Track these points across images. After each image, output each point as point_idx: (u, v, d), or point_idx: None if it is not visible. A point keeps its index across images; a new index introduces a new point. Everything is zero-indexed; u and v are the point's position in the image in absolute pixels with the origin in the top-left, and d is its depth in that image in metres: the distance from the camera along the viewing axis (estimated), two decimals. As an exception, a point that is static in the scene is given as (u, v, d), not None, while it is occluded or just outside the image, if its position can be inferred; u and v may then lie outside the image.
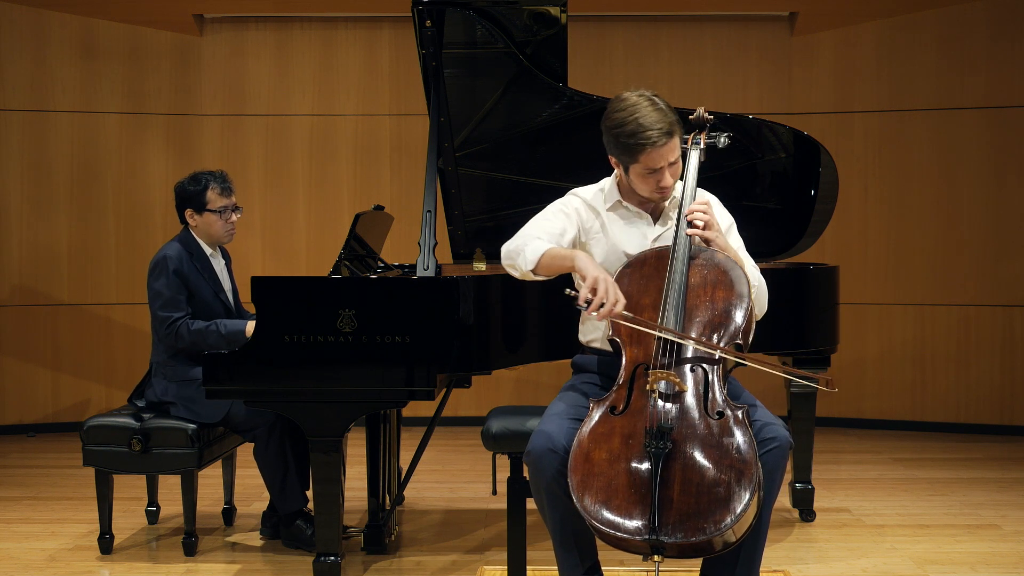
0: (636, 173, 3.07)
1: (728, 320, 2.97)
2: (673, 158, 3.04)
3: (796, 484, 4.60)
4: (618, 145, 3.05)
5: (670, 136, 2.99)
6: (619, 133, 3.02)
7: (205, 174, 4.29)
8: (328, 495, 3.66)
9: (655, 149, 2.99)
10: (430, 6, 4.08)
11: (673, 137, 3.01)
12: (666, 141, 2.99)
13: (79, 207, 6.86)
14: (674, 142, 3.02)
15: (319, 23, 6.98)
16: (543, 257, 3.05)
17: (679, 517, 2.69)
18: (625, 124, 3.00)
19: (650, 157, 3.00)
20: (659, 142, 2.98)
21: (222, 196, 4.27)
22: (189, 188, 4.26)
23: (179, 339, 4.09)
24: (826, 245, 6.27)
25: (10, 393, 6.82)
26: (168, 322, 4.10)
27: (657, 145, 2.98)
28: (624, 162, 3.08)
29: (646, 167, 3.03)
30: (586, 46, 6.77)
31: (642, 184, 3.09)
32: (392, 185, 7.01)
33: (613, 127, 3.04)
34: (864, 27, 6.80)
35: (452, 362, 3.63)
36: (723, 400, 2.86)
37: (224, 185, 4.28)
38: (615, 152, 3.10)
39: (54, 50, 6.78)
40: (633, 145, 3.00)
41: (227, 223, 4.29)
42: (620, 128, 3.01)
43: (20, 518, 4.78)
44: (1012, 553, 4.16)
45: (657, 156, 3.00)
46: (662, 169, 3.04)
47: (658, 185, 3.07)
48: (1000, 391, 6.69)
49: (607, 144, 3.10)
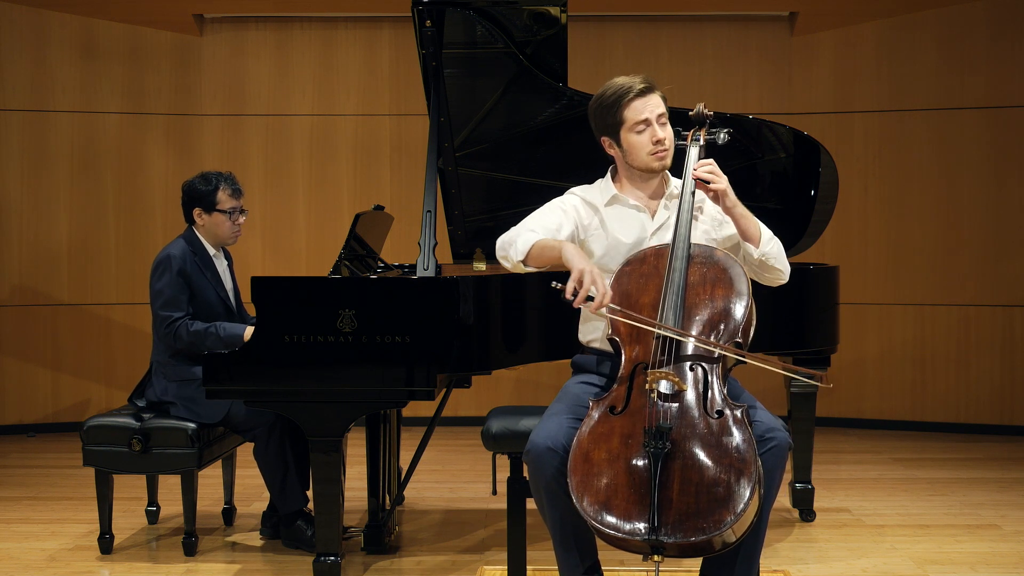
0: (627, 134, 3.10)
1: (727, 318, 2.97)
2: (660, 110, 3.10)
3: (796, 484, 4.60)
4: (604, 110, 3.12)
5: (648, 87, 3.09)
6: (602, 99, 3.12)
7: (215, 174, 4.30)
8: (328, 495, 3.66)
9: (636, 98, 3.07)
10: (430, 6, 4.08)
11: (653, 90, 3.10)
12: (644, 89, 3.08)
13: (79, 207, 6.86)
14: (655, 96, 3.10)
15: (319, 23, 6.98)
16: (533, 248, 3.05)
17: (679, 517, 2.69)
18: (605, 90, 3.14)
19: (633, 108, 3.07)
20: (637, 88, 3.07)
21: (232, 197, 4.28)
22: (200, 187, 4.26)
23: (177, 339, 4.09)
24: (826, 245, 6.27)
25: (10, 393, 6.82)
26: (168, 321, 4.10)
27: (635, 92, 3.07)
28: (613, 127, 3.12)
29: (633, 123, 3.08)
30: (586, 46, 6.77)
31: (638, 148, 3.11)
32: (392, 185, 7.01)
33: (596, 100, 3.15)
34: (864, 27, 6.80)
35: (452, 362, 3.63)
36: (722, 399, 2.86)
37: (235, 187, 4.30)
38: (603, 126, 3.15)
39: (54, 50, 6.78)
40: (613, 103, 3.08)
41: (235, 224, 4.30)
42: (601, 96, 3.13)
43: (20, 518, 4.78)
44: (1012, 553, 4.16)
45: (640, 105, 3.07)
46: (650, 122, 3.08)
47: (653, 141, 3.08)
48: (1000, 391, 6.69)
49: (595, 128, 3.17)
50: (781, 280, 3.20)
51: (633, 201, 3.21)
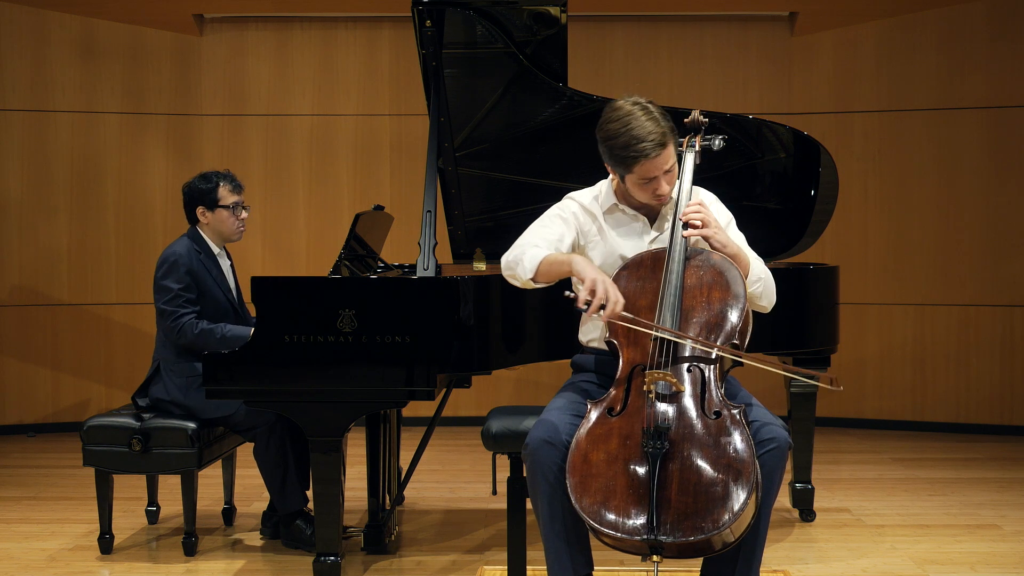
0: (632, 182, 3.07)
1: (724, 320, 2.97)
2: (668, 166, 3.03)
3: (796, 484, 4.60)
4: (612, 156, 3.05)
5: (663, 147, 2.99)
6: (613, 145, 3.01)
7: (214, 173, 4.32)
8: (328, 495, 3.66)
9: (649, 160, 2.98)
10: (430, 6, 4.08)
11: (667, 147, 3.00)
12: (660, 152, 2.98)
13: (79, 207, 6.87)
14: (668, 151, 3.01)
15: (319, 23, 6.98)
16: (541, 264, 3.04)
17: (677, 517, 2.69)
18: (619, 136, 2.99)
19: (644, 168, 3.00)
20: (652, 153, 2.97)
21: (233, 192, 4.29)
22: (201, 186, 4.28)
23: (181, 336, 4.10)
24: (826, 245, 6.27)
25: (10, 393, 6.82)
26: (174, 316, 4.11)
27: (651, 156, 2.98)
28: (619, 172, 3.08)
29: (641, 177, 3.03)
30: (586, 46, 6.77)
31: (638, 192, 3.09)
32: (392, 185, 7.01)
33: (607, 138, 3.03)
34: (864, 27, 6.80)
35: (452, 362, 3.63)
36: (720, 400, 2.86)
37: (235, 183, 4.32)
38: (610, 163, 3.10)
39: (54, 50, 6.78)
40: (627, 157, 3.00)
41: (238, 219, 4.30)
42: (614, 140, 3.01)
43: (20, 518, 4.78)
44: (1012, 553, 4.16)
45: (651, 166, 3.00)
46: (657, 178, 3.03)
47: (654, 193, 3.07)
48: (1000, 391, 6.69)
49: (602, 153, 3.10)
50: (764, 311, 3.21)
51: (632, 210, 3.20)
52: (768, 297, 3.17)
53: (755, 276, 3.11)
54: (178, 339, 4.11)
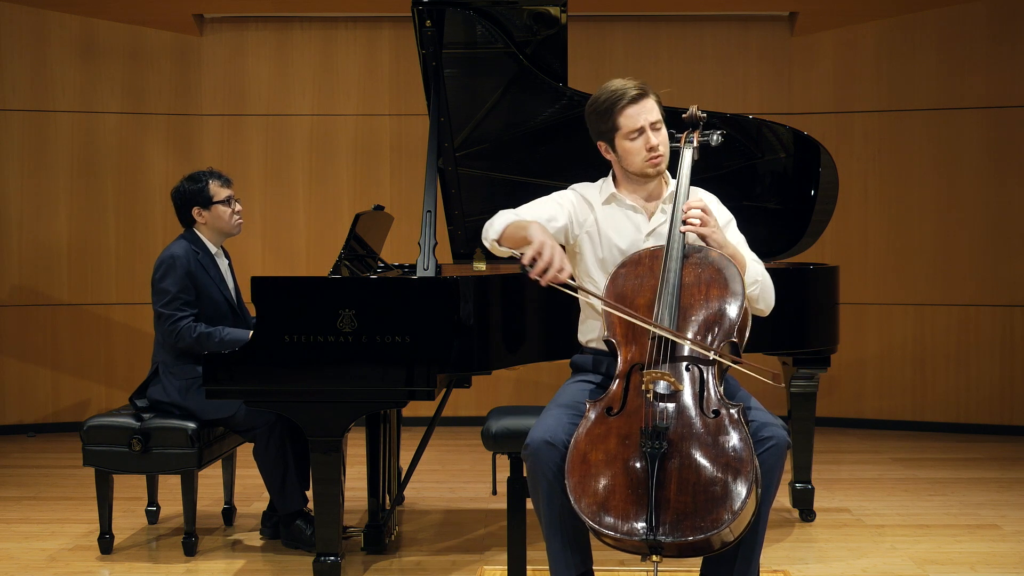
0: (621, 140, 3.10)
1: (723, 317, 2.97)
2: (653, 117, 3.09)
3: (796, 484, 4.60)
4: (598, 116, 3.12)
5: (643, 92, 3.08)
6: (596, 104, 3.12)
7: (199, 172, 4.32)
8: (328, 495, 3.66)
9: (630, 104, 3.06)
10: (430, 6, 4.08)
11: (647, 95, 3.09)
12: (638, 95, 3.07)
13: (79, 207, 6.87)
14: (650, 101, 3.10)
15: (319, 23, 6.98)
16: (508, 227, 3.07)
17: (676, 516, 2.69)
18: (600, 95, 3.13)
19: (627, 115, 3.06)
20: (630, 94, 3.07)
21: (224, 187, 4.30)
22: (191, 187, 4.27)
23: (179, 339, 4.09)
24: (826, 245, 6.27)
25: (10, 393, 6.83)
26: (171, 320, 4.10)
27: (629, 98, 3.06)
28: (607, 133, 3.12)
29: (627, 129, 3.07)
30: (586, 46, 6.77)
31: (632, 154, 3.10)
32: (392, 185, 7.01)
33: (591, 104, 3.15)
34: (864, 27, 6.80)
35: (452, 362, 3.63)
36: (718, 399, 2.86)
37: (223, 178, 4.33)
38: (597, 131, 3.15)
39: (54, 50, 6.78)
40: (609, 106, 3.08)
41: (235, 213, 4.31)
42: (596, 100, 3.13)
43: (20, 518, 4.78)
44: (1012, 553, 4.16)
45: (634, 112, 3.06)
46: (644, 129, 3.07)
47: (647, 148, 3.08)
48: (1000, 391, 6.69)
49: (592, 130, 3.17)
50: (762, 315, 3.22)
51: (630, 202, 3.21)
52: (766, 300, 3.17)
53: (752, 278, 3.11)
54: (176, 343, 4.11)
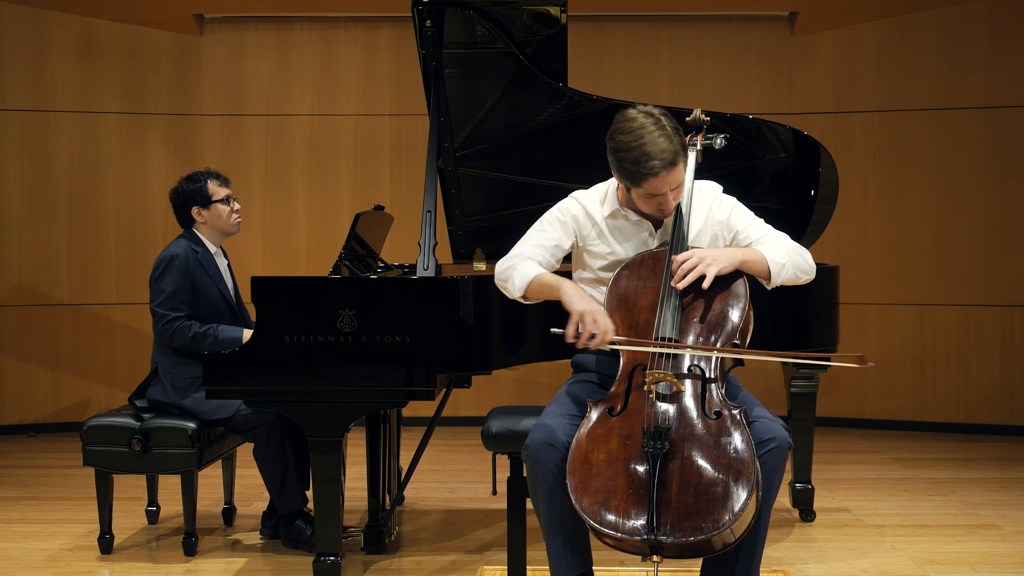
0: (637, 195, 3.02)
1: (725, 320, 2.97)
2: (676, 184, 2.98)
3: (796, 484, 4.60)
4: (621, 169, 2.98)
5: (674, 166, 2.93)
6: (623, 158, 2.95)
7: (196, 172, 4.32)
8: (328, 495, 3.66)
9: (658, 179, 2.93)
10: (430, 6, 4.08)
11: (677, 165, 2.94)
12: (670, 171, 2.93)
13: (79, 207, 6.87)
14: (678, 170, 2.95)
15: (319, 23, 6.98)
16: (531, 284, 3.04)
17: (677, 517, 2.69)
18: (629, 150, 2.93)
19: (652, 185, 2.95)
20: (663, 172, 2.92)
21: (222, 186, 4.30)
22: (189, 187, 4.27)
23: (174, 339, 4.09)
24: (826, 245, 6.26)
25: (10, 393, 6.82)
26: (165, 320, 4.10)
27: (660, 175, 2.92)
28: (626, 184, 3.03)
29: (648, 193, 2.98)
30: (586, 46, 6.77)
31: (643, 204, 3.05)
32: (392, 185, 7.01)
33: (617, 150, 2.96)
34: (864, 27, 6.80)
35: (452, 362, 3.63)
36: (720, 400, 2.86)
37: (220, 177, 4.33)
38: (618, 174, 3.03)
39: (54, 50, 6.78)
40: (636, 173, 2.94)
41: (233, 212, 4.31)
42: (624, 153, 2.94)
43: (20, 518, 4.78)
44: (1012, 553, 4.16)
45: (660, 184, 2.94)
46: (665, 195, 2.99)
47: (659, 208, 3.03)
48: (1000, 391, 6.69)
49: (611, 163, 3.03)
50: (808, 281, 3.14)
51: (635, 216, 3.16)
52: (801, 271, 3.07)
53: (777, 264, 3.03)
54: (171, 342, 4.11)
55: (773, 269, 3.03)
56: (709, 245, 3.15)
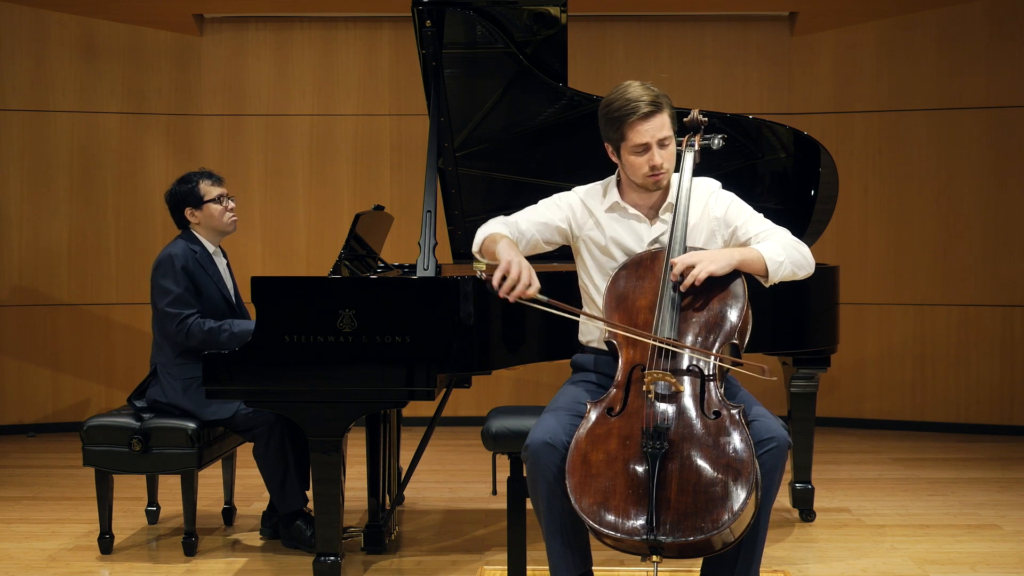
0: (627, 152, 3.08)
1: (723, 320, 2.97)
2: (662, 135, 3.05)
3: (796, 484, 4.60)
4: (608, 122, 3.09)
5: (656, 107, 3.03)
6: (609, 109, 3.08)
7: (190, 173, 4.32)
8: (328, 495, 3.66)
9: (641, 120, 3.01)
10: (430, 6, 4.08)
11: (660, 111, 3.04)
12: (652, 111, 3.02)
13: (79, 207, 6.87)
14: (662, 117, 3.04)
15: (319, 23, 6.98)
16: (484, 240, 3.13)
17: (677, 517, 2.69)
18: (614, 101, 3.07)
19: (636, 130, 3.02)
20: (644, 110, 3.01)
21: (215, 186, 4.30)
22: (182, 189, 4.28)
23: (190, 337, 4.08)
24: (826, 245, 6.27)
25: (10, 393, 6.83)
26: (179, 319, 4.09)
27: (642, 113, 3.01)
28: (615, 141, 3.10)
29: (634, 143, 3.04)
30: (586, 46, 6.77)
31: (635, 168, 3.08)
32: (392, 185, 7.01)
33: (604, 106, 3.11)
34: (864, 27, 6.80)
35: (452, 362, 3.63)
36: (719, 400, 2.86)
37: (213, 176, 4.32)
38: (606, 132, 3.12)
39: (54, 50, 6.78)
40: (620, 117, 3.04)
41: (227, 210, 4.30)
42: (609, 105, 3.08)
43: (20, 518, 4.78)
44: (1012, 553, 4.16)
45: (643, 129, 3.02)
46: (650, 147, 3.03)
47: (649, 164, 3.06)
48: (1000, 391, 6.70)
49: (602, 130, 3.14)
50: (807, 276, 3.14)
51: (633, 210, 3.18)
52: (799, 267, 3.07)
53: (775, 262, 3.02)
54: (187, 341, 4.09)
55: (770, 267, 3.04)
56: (705, 241, 3.16)
